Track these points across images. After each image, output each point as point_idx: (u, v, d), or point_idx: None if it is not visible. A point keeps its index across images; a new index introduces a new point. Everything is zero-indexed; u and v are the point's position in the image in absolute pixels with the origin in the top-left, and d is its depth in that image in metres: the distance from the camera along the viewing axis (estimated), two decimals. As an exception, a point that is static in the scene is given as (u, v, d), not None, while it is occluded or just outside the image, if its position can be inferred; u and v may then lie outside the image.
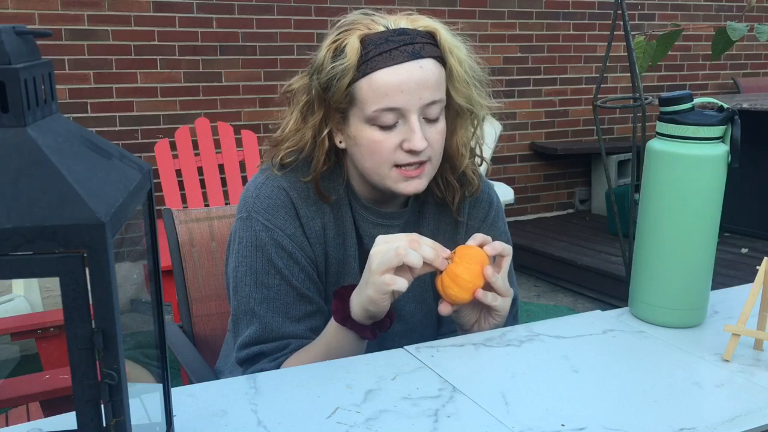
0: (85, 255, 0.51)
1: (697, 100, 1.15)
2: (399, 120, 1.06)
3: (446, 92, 1.10)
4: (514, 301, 1.20)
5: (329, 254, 1.16)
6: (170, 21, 3.65)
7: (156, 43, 3.64)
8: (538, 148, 4.77)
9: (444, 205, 1.23)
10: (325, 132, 1.10)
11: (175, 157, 3.20)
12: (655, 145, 1.16)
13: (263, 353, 1.12)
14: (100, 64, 3.54)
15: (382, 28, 1.06)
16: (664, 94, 1.15)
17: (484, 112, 1.16)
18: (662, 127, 1.15)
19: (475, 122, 1.17)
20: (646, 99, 2.28)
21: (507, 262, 1.08)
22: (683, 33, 2.27)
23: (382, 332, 1.08)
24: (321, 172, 1.13)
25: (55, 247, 0.50)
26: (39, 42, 0.60)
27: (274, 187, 1.12)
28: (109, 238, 0.51)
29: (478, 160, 1.22)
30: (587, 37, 4.84)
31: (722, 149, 1.13)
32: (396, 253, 0.98)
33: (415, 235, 1.02)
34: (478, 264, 1.05)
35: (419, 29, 1.07)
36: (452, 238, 1.24)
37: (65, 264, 0.50)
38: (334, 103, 1.08)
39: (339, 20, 1.10)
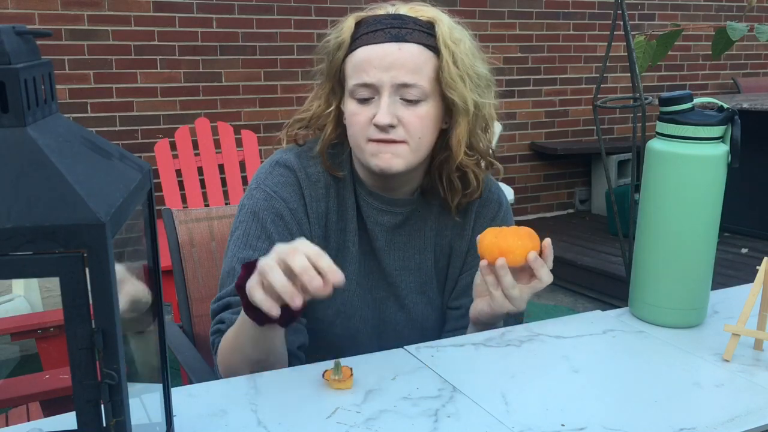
0: (85, 255, 0.51)
1: (697, 100, 1.15)
2: (375, 96, 1.10)
3: (439, 84, 1.11)
4: None
5: (329, 237, 1.18)
6: (170, 21, 3.65)
7: (156, 43, 3.63)
8: (538, 148, 4.77)
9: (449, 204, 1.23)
10: (334, 105, 1.16)
11: (175, 157, 3.19)
12: (655, 145, 1.16)
13: (229, 305, 1.11)
14: (100, 64, 3.54)
15: (382, 12, 1.12)
16: (664, 94, 1.15)
17: (485, 112, 1.15)
18: (662, 127, 1.15)
19: (476, 121, 1.15)
20: (646, 99, 2.28)
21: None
22: (683, 33, 2.27)
23: (283, 324, 0.99)
24: (329, 143, 1.17)
25: (55, 247, 0.50)
26: (39, 42, 0.60)
27: (285, 167, 1.16)
28: (109, 238, 0.51)
29: (484, 163, 1.21)
30: (587, 37, 4.84)
31: (722, 149, 1.13)
32: (260, 271, 0.90)
33: (296, 244, 0.90)
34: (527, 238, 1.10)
35: (419, 18, 1.11)
36: (459, 235, 1.25)
37: (65, 264, 0.50)
38: (332, 76, 1.14)
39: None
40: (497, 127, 3.72)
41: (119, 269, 0.54)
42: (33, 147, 0.52)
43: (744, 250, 3.90)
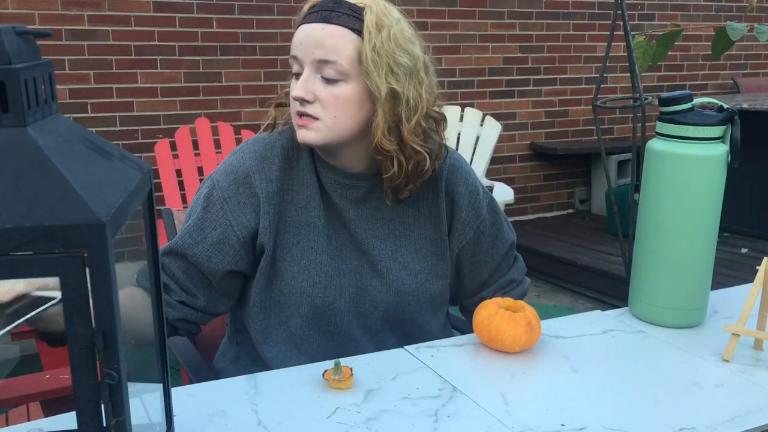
0: (85, 255, 0.51)
1: (697, 100, 1.16)
2: (303, 72, 1.15)
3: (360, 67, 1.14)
4: (511, 247, 1.34)
5: (286, 215, 1.22)
6: (170, 21, 3.65)
7: (156, 43, 3.63)
8: (538, 148, 4.77)
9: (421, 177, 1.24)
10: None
11: (175, 157, 3.19)
12: (655, 145, 1.16)
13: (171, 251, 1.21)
14: (100, 64, 3.54)
15: None
16: (664, 94, 1.15)
17: (404, 100, 1.14)
18: (662, 127, 1.15)
19: (394, 109, 1.15)
20: (646, 99, 2.28)
21: None
22: (683, 33, 2.27)
23: None
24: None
25: (56, 247, 0.50)
26: (39, 42, 0.60)
27: (237, 157, 1.23)
28: (109, 238, 0.51)
29: (424, 150, 1.19)
30: (587, 37, 4.84)
31: (722, 149, 1.13)
32: None
33: None
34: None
35: (356, 3, 1.15)
36: (432, 203, 1.26)
37: (65, 264, 0.50)
38: None
39: None
40: (496, 128, 3.72)
41: None
42: (33, 147, 0.52)
43: (744, 250, 3.90)
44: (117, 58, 3.57)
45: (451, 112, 3.79)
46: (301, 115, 1.16)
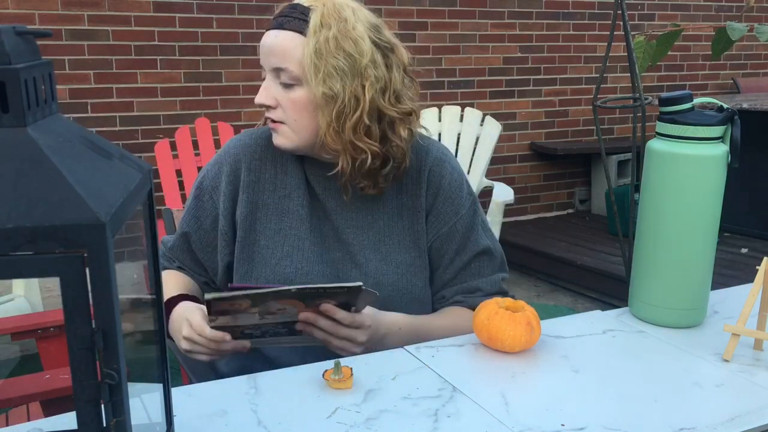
0: (85, 255, 0.51)
1: (697, 100, 1.16)
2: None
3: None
4: (483, 253, 1.29)
5: (266, 204, 1.27)
6: (170, 21, 3.65)
7: (156, 43, 3.63)
8: (538, 148, 4.77)
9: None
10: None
11: (175, 157, 3.19)
12: (655, 145, 1.16)
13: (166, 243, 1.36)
14: (100, 64, 3.54)
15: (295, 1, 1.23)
16: (664, 94, 1.15)
17: (343, 103, 1.15)
18: (662, 127, 1.15)
19: (331, 110, 1.16)
20: (646, 99, 2.28)
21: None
22: (683, 33, 2.27)
23: None
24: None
25: (56, 247, 0.50)
26: (39, 42, 0.60)
27: (225, 146, 1.31)
28: (109, 238, 0.51)
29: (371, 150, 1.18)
30: (587, 37, 4.84)
31: (722, 149, 1.13)
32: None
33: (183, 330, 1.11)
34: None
35: (308, 5, 1.18)
36: (414, 194, 1.28)
37: (65, 264, 0.50)
38: None
39: None
40: (496, 128, 3.72)
41: None
42: (33, 147, 0.52)
43: (744, 250, 3.90)
44: (117, 58, 3.57)
45: (451, 112, 3.79)
46: (268, 119, 1.22)
